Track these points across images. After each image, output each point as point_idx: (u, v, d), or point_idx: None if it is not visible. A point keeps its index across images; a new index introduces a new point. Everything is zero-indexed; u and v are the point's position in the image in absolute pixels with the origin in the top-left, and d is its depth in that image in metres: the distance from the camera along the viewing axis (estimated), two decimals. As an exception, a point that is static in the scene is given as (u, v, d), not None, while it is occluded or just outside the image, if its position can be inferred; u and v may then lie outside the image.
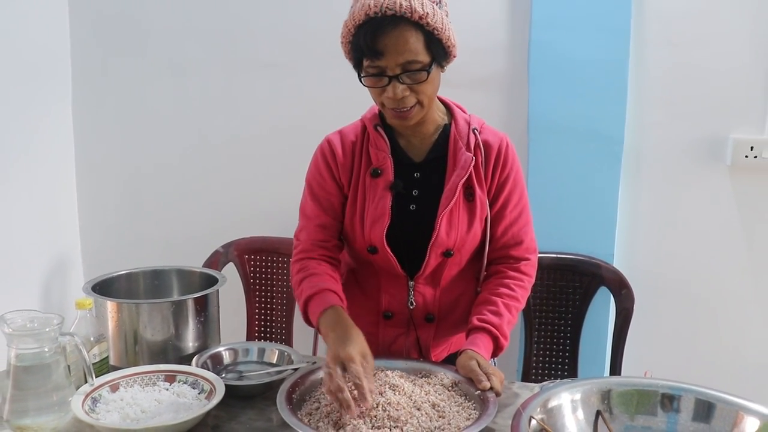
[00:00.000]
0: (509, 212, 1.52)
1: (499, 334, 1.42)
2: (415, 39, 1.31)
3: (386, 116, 1.46)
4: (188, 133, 2.46)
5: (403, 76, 1.33)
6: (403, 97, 1.35)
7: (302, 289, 1.46)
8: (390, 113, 1.41)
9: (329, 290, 1.43)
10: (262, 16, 2.32)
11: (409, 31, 1.31)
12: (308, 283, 1.46)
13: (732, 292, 2.12)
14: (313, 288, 1.44)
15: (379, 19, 1.29)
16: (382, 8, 1.28)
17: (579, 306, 2.07)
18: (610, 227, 2.12)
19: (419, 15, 1.29)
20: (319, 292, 1.42)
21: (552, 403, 1.10)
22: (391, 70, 1.33)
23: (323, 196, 1.54)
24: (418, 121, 1.44)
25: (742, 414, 1.06)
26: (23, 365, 1.22)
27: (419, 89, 1.36)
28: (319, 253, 1.54)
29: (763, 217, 2.08)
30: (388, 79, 1.34)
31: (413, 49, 1.31)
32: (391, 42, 1.30)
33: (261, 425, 1.28)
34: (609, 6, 2.03)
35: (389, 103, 1.38)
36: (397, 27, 1.30)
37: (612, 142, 2.08)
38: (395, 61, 1.32)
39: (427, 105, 1.40)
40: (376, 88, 1.37)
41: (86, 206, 2.57)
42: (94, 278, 1.64)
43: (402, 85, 1.34)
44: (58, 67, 2.44)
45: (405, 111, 1.38)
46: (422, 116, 1.43)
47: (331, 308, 1.38)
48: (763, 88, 2.01)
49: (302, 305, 1.46)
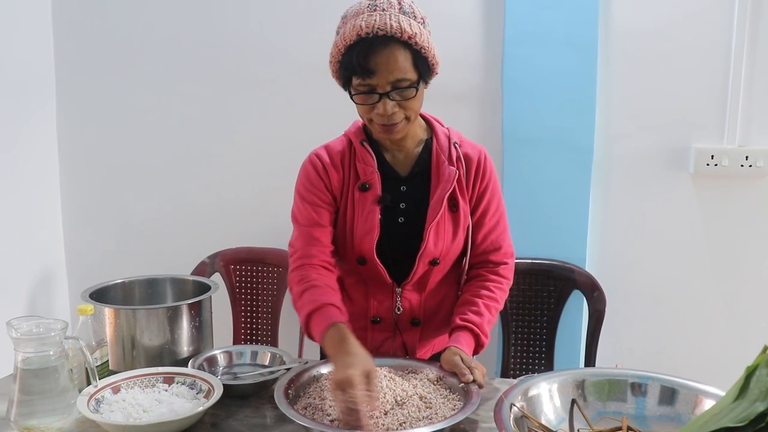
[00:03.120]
0: (488, 220, 1.59)
1: (480, 332, 1.49)
2: (404, 58, 1.38)
3: (373, 131, 1.51)
4: (173, 145, 2.49)
5: (393, 93, 1.39)
6: (392, 113, 1.41)
7: (303, 303, 1.45)
8: (378, 128, 1.46)
9: (330, 305, 1.42)
10: (246, 29, 2.37)
11: (399, 51, 1.37)
12: (309, 296, 1.45)
13: (695, 291, 2.23)
14: (314, 303, 1.42)
15: (371, 39, 1.36)
16: (374, 29, 1.35)
17: (554, 308, 2.16)
18: (582, 233, 2.22)
19: (408, 35, 1.36)
20: (321, 307, 1.41)
21: (532, 392, 1.18)
22: (381, 88, 1.39)
23: (316, 203, 1.55)
24: (403, 135, 1.50)
25: (702, 397, 1.15)
26: (30, 368, 1.27)
27: (407, 105, 1.42)
28: (318, 259, 1.53)
29: (724, 221, 2.19)
30: (379, 96, 1.40)
31: (402, 68, 1.38)
32: (382, 61, 1.36)
33: (257, 422, 1.35)
34: (577, 23, 2.13)
35: (378, 119, 1.43)
36: (387, 47, 1.36)
37: (582, 152, 2.18)
38: (386, 80, 1.38)
39: (413, 120, 1.46)
40: (366, 105, 1.43)
41: (70, 218, 2.59)
42: (91, 287, 1.69)
43: (392, 101, 1.40)
44: (42, 78, 2.46)
45: (393, 125, 1.44)
46: (407, 130, 1.49)
47: (333, 326, 1.36)
48: (722, 100, 2.13)
49: (303, 320, 1.45)
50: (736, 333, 2.22)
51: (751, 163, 2.12)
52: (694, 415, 1.13)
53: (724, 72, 2.13)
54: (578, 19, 2.13)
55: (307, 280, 1.48)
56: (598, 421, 1.17)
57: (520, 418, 1.10)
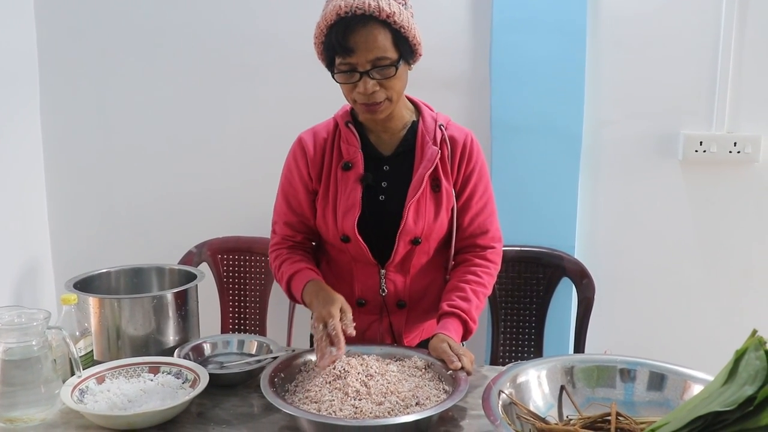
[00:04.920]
0: (475, 203, 1.60)
1: (468, 318, 1.49)
2: (383, 37, 1.40)
3: (357, 112, 1.54)
4: (159, 135, 2.46)
5: (373, 71, 1.42)
6: (373, 92, 1.43)
7: (282, 272, 1.60)
8: (361, 108, 1.49)
9: (307, 268, 1.57)
10: (234, 19, 2.35)
11: (378, 29, 1.40)
12: (287, 265, 1.59)
13: (683, 278, 2.24)
14: (292, 268, 1.58)
15: (350, 18, 1.38)
16: (352, 8, 1.37)
17: (543, 296, 2.16)
18: (571, 220, 2.22)
19: (386, 14, 1.38)
20: (299, 270, 1.56)
21: (520, 379, 1.17)
22: (361, 66, 1.42)
23: (291, 195, 1.63)
24: (387, 116, 1.52)
25: (690, 382, 1.15)
26: (12, 359, 1.26)
27: (388, 84, 1.44)
28: (289, 245, 1.66)
29: (712, 207, 2.20)
30: (359, 75, 1.42)
31: (382, 46, 1.40)
32: (362, 39, 1.39)
33: (244, 411, 1.34)
34: (566, 10, 2.12)
35: (360, 98, 1.46)
36: (366, 26, 1.39)
37: (571, 139, 2.17)
38: (365, 58, 1.40)
39: (395, 100, 1.48)
40: (348, 84, 1.45)
41: (56, 208, 2.55)
42: (75, 276, 1.67)
43: (372, 80, 1.42)
44: (25, 67, 2.42)
45: (375, 105, 1.46)
46: (391, 111, 1.51)
47: (312, 281, 1.52)
48: (710, 86, 2.13)
49: (285, 285, 1.59)
50: (724, 318, 2.23)
51: (740, 150, 2.12)
52: (682, 400, 1.13)
53: (712, 58, 2.13)
54: (567, 5, 2.12)
55: (285, 255, 1.63)
56: (587, 408, 1.17)
57: (508, 405, 1.10)
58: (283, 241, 1.66)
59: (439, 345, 1.40)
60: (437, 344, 1.41)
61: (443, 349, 1.38)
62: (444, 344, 1.39)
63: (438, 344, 1.40)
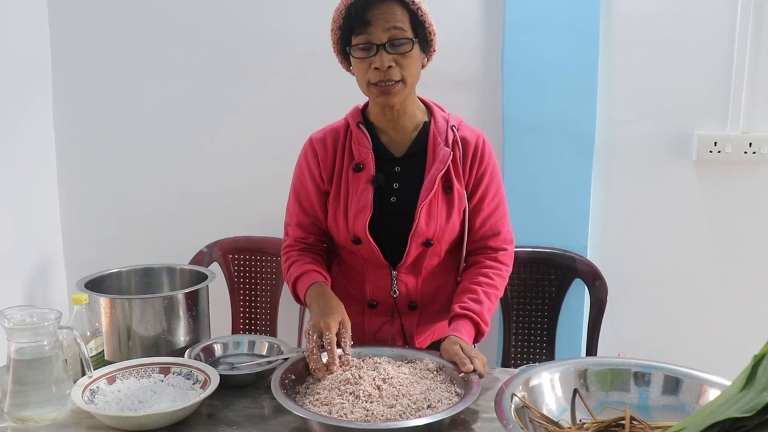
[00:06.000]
0: (486, 205, 1.59)
1: (480, 320, 1.48)
2: (401, 13, 1.44)
3: (371, 96, 1.53)
4: (170, 135, 2.47)
5: (389, 45, 1.43)
6: (389, 68, 1.44)
7: (291, 273, 1.60)
8: (375, 90, 1.48)
9: (314, 270, 1.57)
10: (244, 18, 2.35)
11: (396, 6, 1.44)
12: (295, 267, 1.60)
13: (697, 279, 2.21)
14: (299, 269, 1.58)
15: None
16: None
17: (555, 297, 2.14)
18: (584, 221, 2.20)
19: None
20: (306, 272, 1.57)
21: (533, 382, 1.17)
22: (377, 39, 1.43)
23: (303, 196, 1.63)
24: (399, 109, 1.53)
25: (706, 386, 1.14)
26: (23, 359, 1.26)
27: (403, 63, 1.45)
28: (301, 247, 1.66)
29: (727, 208, 2.17)
30: (376, 48, 1.43)
31: (399, 19, 1.43)
32: (380, 12, 1.42)
33: (254, 412, 1.33)
34: (578, 9, 2.10)
35: (375, 77, 1.46)
36: (384, 1, 1.43)
37: (584, 139, 2.16)
38: (382, 28, 1.42)
39: (409, 84, 1.49)
40: (364, 60, 1.46)
41: (68, 208, 2.56)
42: (86, 276, 1.67)
43: (388, 55, 1.43)
44: (38, 69, 2.43)
45: (390, 86, 1.46)
46: (404, 96, 1.51)
47: (316, 284, 1.53)
48: (725, 86, 2.11)
49: (291, 286, 1.61)
50: (740, 321, 2.20)
51: (755, 150, 2.10)
52: (698, 405, 1.12)
53: (727, 58, 2.10)
54: (580, 5, 2.11)
55: (295, 257, 1.63)
56: (601, 411, 1.16)
57: (521, 408, 1.09)
58: (295, 243, 1.65)
59: (451, 347, 1.39)
60: (449, 346, 1.40)
61: (455, 351, 1.37)
62: (456, 346, 1.38)
63: (450, 346, 1.39)
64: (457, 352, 1.37)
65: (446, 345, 1.41)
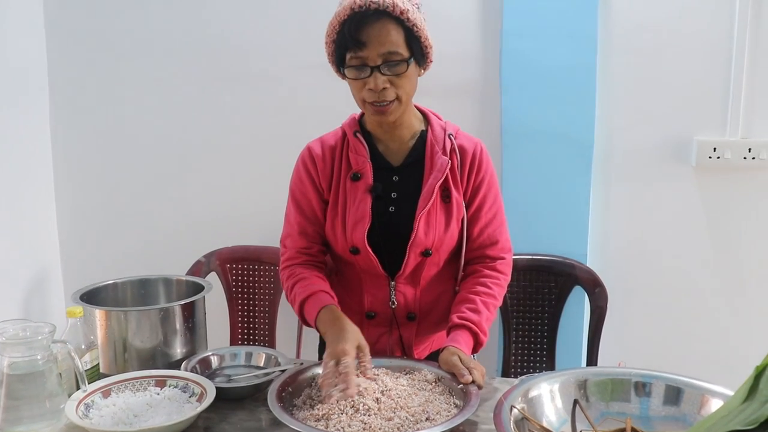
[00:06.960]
0: (484, 214, 1.57)
1: (478, 330, 1.47)
2: (396, 32, 1.40)
3: (367, 113, 1.52)
4: (168, 143, 2.46)
5: (384, 67, 1.41)
6: (383, 89, 1.42)
7: (295, 294, 1.53)
8: (370, 109, 1.47)
9: (321, 291, 1.51)
10: (241, 27, 2.34)
11: (391, 24, 1.40)
12: (300, 287, 1.53)
13: (698, 287, 2.19)
14: (305, 291, 1.51)
15: (363, 12, 1.38)
16: (366, 3, 1.37)
17: (555, 305, 2.13)
18: (583, 228, 2.18)
19: (400, 10, 1.38)
20: (312, 294, 1.50)
21: (532, 393, 1.15)
22: (372, 61, 1.40)
23: (304, 203, 1.60)
24: (395, 121, 1.51)
25: (708, 396, 1.12)
26: (16, 374, 1.24)
27: (398, 83, 1.43)
28: (304, 260, 1.60)
29: (727, 214, 2.16)
30: (370, 70, 1.41)
31: (394, 41, 1.40)
32: (374, 33, 1.39)
33: (251, 425, 1.32)
34: (576, 15, 2.09)
35: (370, 97, 1.44)
36: (379, 20, 1.39)
37: (582, 145, 2.14)
38: (377, 51, 1.40)
39: (405, 102, 1.47)
40: (358, 80, 1.44)
41: (66, 218, 2.56)
42: (82, 288, 1.66)
43: (382, 76, 1.41)
44: (35, 77, 2.42)
45: (384, 105, 1.44)
46: (400, 113, 1.49)
47: (326, 308, 1.46)
48: (724, 91, 2.10)
49: (297, 309, 1.54)
50: (741, 329, 2.18)
51: (754, 156, 2.08)
52: (700, 415, 1.10)
53: (726, 63, 2.09)
54: (577, 11, 2.10)
55: (297, 274, 1.56)
56: (601, 423, 1.14)
57: (520, 420, 1.07)
58: (297, 256, 1.60)
59: (450, 358, 1.37)
60: (447, 357, 1.38)
61: (454, 362, 1.36)
62: (454, 357, 1.37)
63: (448, 357, 1.38)
64: (455, 363, 1.35)
65: (445, 356, 1.39)
